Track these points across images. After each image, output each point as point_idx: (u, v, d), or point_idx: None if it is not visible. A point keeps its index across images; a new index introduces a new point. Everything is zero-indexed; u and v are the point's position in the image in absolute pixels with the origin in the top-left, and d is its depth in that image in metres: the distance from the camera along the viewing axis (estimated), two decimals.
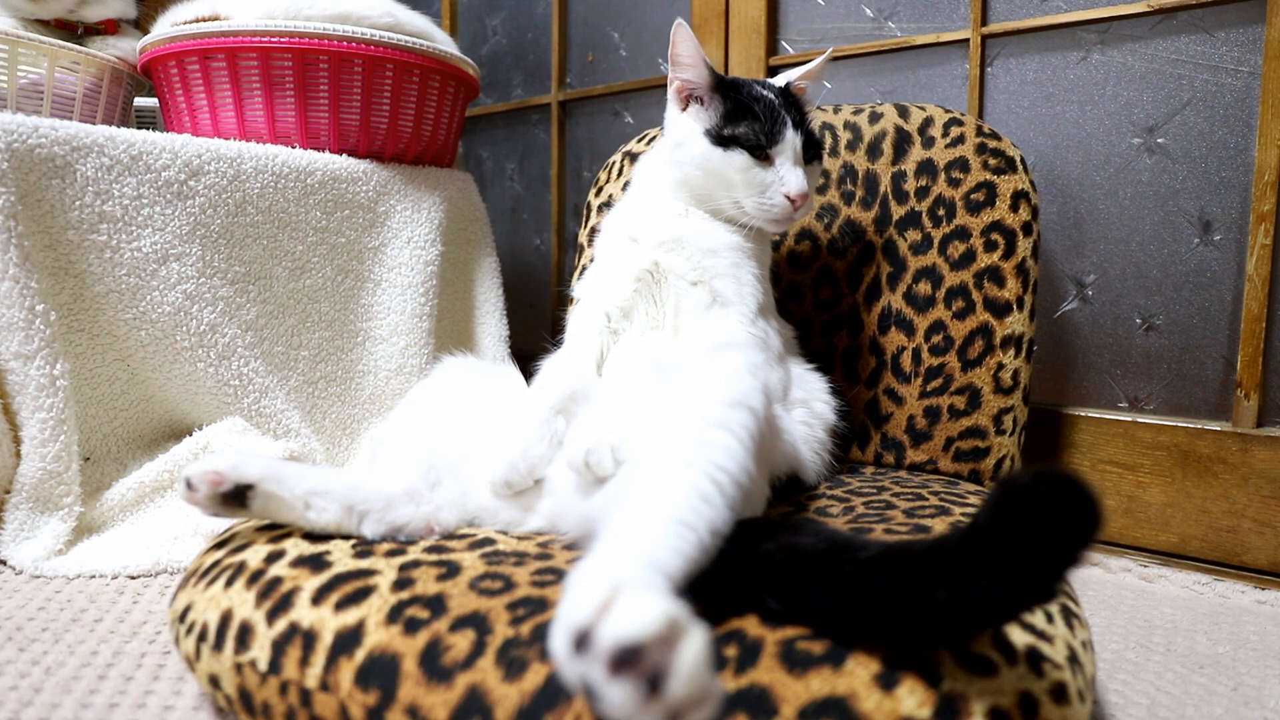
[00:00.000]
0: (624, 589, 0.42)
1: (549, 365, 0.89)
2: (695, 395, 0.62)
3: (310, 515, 0.70)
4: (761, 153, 0.90)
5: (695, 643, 0.39)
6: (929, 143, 1.15)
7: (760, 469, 0.68)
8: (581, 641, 0.40)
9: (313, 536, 0.70)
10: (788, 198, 0.89)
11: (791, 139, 0.90)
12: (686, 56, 0.92)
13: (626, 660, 0.38)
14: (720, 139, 0.90)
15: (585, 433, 0.74)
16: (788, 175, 0.89)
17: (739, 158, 0.89)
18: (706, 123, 0.91)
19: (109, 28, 1.43)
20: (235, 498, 0.68)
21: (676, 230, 0.92)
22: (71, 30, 1.40)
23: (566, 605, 0.43)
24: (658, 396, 0.68)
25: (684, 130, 0.93)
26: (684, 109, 0.94)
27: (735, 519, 0.55)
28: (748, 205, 0.91)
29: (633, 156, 1.35)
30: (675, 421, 0.59)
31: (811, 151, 0.94)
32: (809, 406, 0.91)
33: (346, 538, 0.70)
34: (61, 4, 1.36)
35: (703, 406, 0.60)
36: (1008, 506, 0.43)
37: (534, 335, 1.03)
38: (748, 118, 0.89)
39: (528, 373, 0.92)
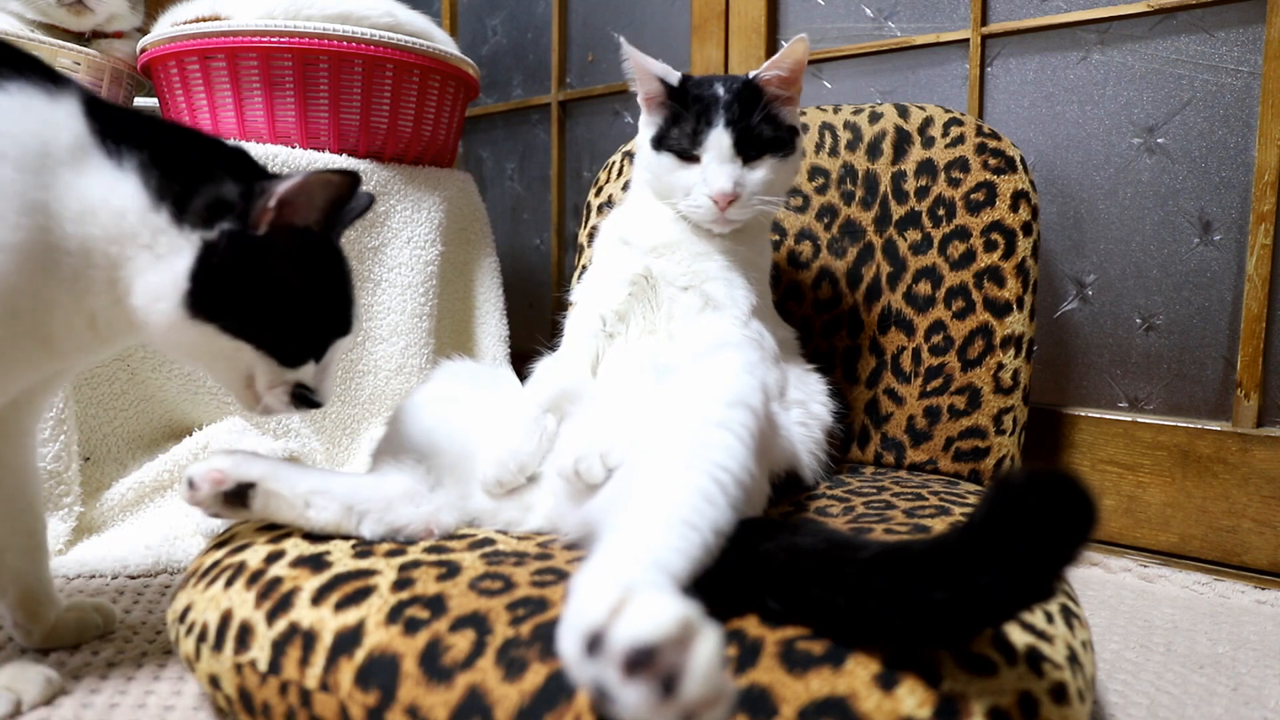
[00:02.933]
0: (636, 590, 0.42)
1: (542, 366, 0.90)
2: (694, 395, 0.62)
3: (310, 514, 0.70)
4: (687, 155, 0.90)
5: (709, 643, 0.39)
6: (929, 143, 1.15)
7: (761, 467, 0.68)
8: (594, 644, 0.40)
9: (313, 537, 0.70)
10: (711, 198, 0.87)
11: (717, 137, 0.88)
12: (633, 71, 0.93)
13: (641, 662, 0.38)
14: (656, 143, 0.92)
15: (576, 437, 0.74)
16: (709, 174, 0.88)
17: (667, 160, 0.91)
18: (653, 129, 0.94)
19: (116, 33, 1.44)
20: (237, 497, 0.69)
21: (667, 235, 0.92)
22: (79, 35, 1.41)
23: (576, 607, 0.43)
24: (655, 398, 0.68)
25: (641, 137, 0.96)
26: (649, 114, 0.96)
27: (738, 518, 0.55)
28: (681, 207, 0.91)
29: (632, 156, 1.34)
30: (675, 422, 0.59)
31: (759, 145, 0.89)
32: (806, 407, 0.91)
33: (346, 538, 0.70)
34: (95, 19, 1.38)
35: (702, 406, 0.60)
36: (1004, 506, 0.43)
37: (534, 336, 1.03)
38: (679, 122, 0.90)
39: (526, 374, 0.92)
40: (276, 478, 0.69)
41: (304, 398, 0.68)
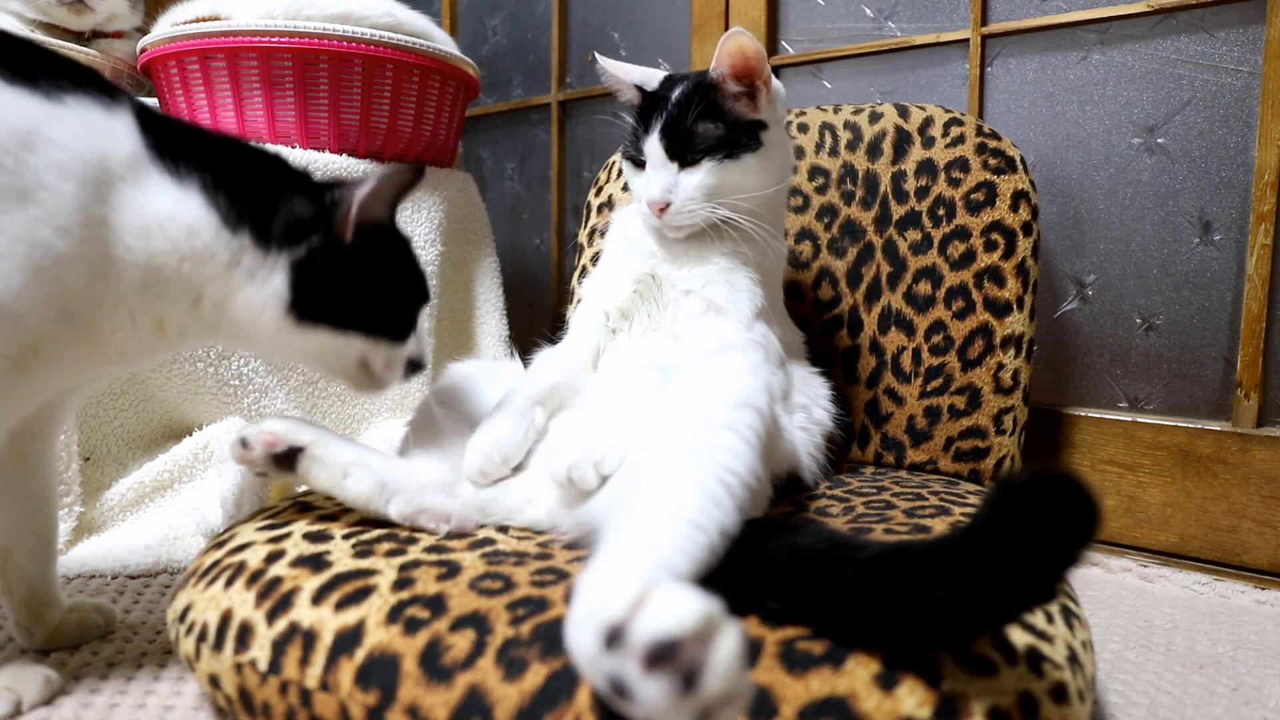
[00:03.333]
0: (657, 585, 0.42)
1: (541, 357, 0.91)
2: (700, 396, 0.62)
3: (347, 484, 0.73)
4: (637, 161, 0.90)
5: (730, 639, 0.39)
6: (929, 142, 1.15)
7: (766, 469, 0.68)
8: (614, 637, 0.40)
9: (313, 537, 0.70)
10: (647, 205, 0.87)
11: (652, 143, 0.87)
12: (611, 84, 0.95)
13: (663, 656, 0.38)
14: (624, 150, 0.93)
15: (571, 437, 0.75)
16: (646, 181, 0.88)
17: (628, 167, 0.93)
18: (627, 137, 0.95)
19: (115, 33, 1.45)
20: (286, 459, 0.73)
21: (669, 240, 0.91)
22: (79, 34, 1.41)
23: (590, 602, 0.43)
24: (660, 398, 0.68)
25: None
26: None
27: (743, 521, 0.55)
28: (639, 214, 0.91)
29: None
30: (681, 423, 0.59)
31: (696, 148, 0.86)
32: (809, 412, 0.91)
33: (347, 537, 0.71)
34: (95, 18, 1.38)
35: (708, 407, 0.60)
36: (1005, 507, 0.43)
37: (534, 335, 1.03)
38: (635, 129, 0.91)
39: (526, 367, 0.93)
40: (324, 445, 0.73)
41: (414, 366, 0.75)
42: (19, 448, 0.73)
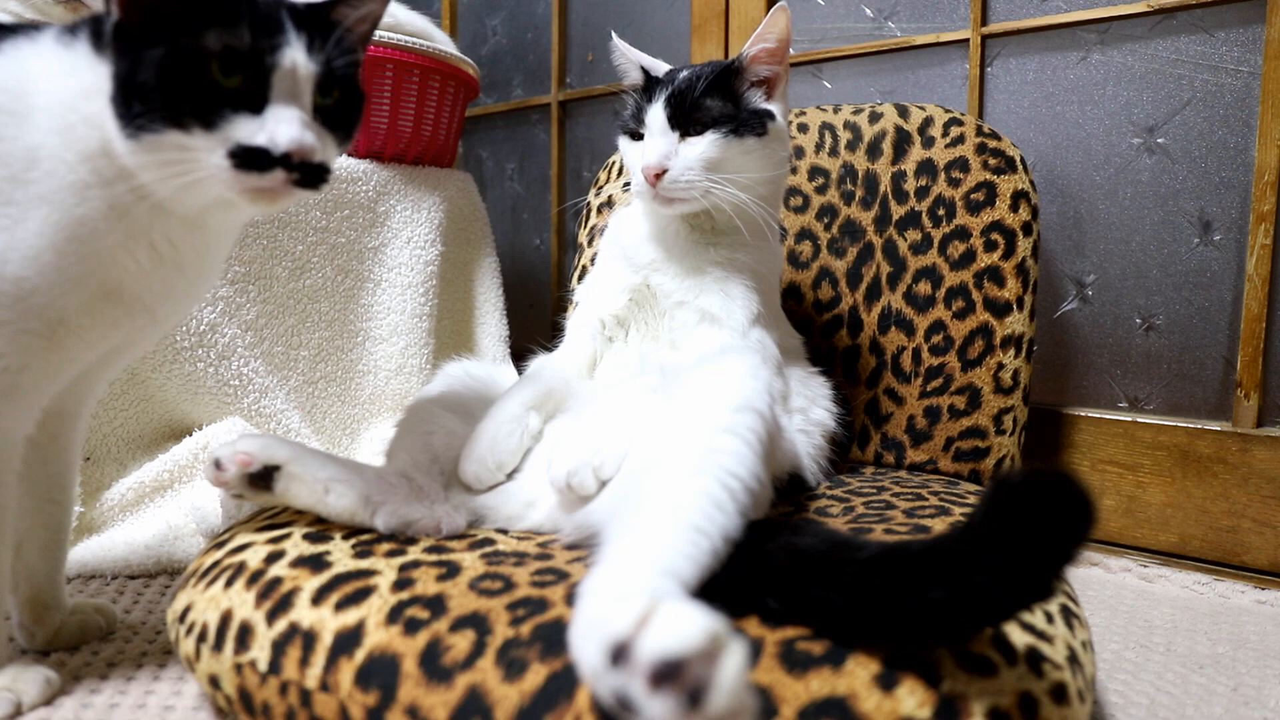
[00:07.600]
0: (662, 600, 0.42)
1: (536, 363, 0.91)
2: (700, 400, 0.62)
3: (329, 500, 0.71)
4: (636, 133, 0.89)
5: (736, 657, 0.39)
6: (929, 142, 1.15)
7: (767, 472, 0.68)
8: (619, 654, 0.40)
9: (313, 537, 0.70)
10: (642, 171, 0.85)
11: (655, 112, 0.86)
12: (622, 62, 0.95)
13: (668, 674, 0.38)
14: (622, 128, 0.93)
15: (570, 442, 0.75)
16: (644, 148, 0.86)
17: (624, 141, 0.92)
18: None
19: None
20: (261, 479, 0.70)
21: (659, 251, 0.91)
22: None
23: (595, 615, 0.43)
24: (660, 402, 0.68)
25: None
26: None
27: (746, 525, 0.55)
28: (633, 189, 0.90)
29: None
30: (683, 427, 0.59)
31: (701, 120, 0.85)
32: (807, 414, 0.91)
33: (347, 537, 0.70)
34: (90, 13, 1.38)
35: (710, 411, 0.60)
36: (1002, 506, 0.43)
37: (534, 336, 1.03)
38: (632, 104, 0.91)
39: (524, 372, 0.92)
40: (300, 461, 0.70)
41: (251, 155, 0.56)
42: (47, 428, 0.72)
